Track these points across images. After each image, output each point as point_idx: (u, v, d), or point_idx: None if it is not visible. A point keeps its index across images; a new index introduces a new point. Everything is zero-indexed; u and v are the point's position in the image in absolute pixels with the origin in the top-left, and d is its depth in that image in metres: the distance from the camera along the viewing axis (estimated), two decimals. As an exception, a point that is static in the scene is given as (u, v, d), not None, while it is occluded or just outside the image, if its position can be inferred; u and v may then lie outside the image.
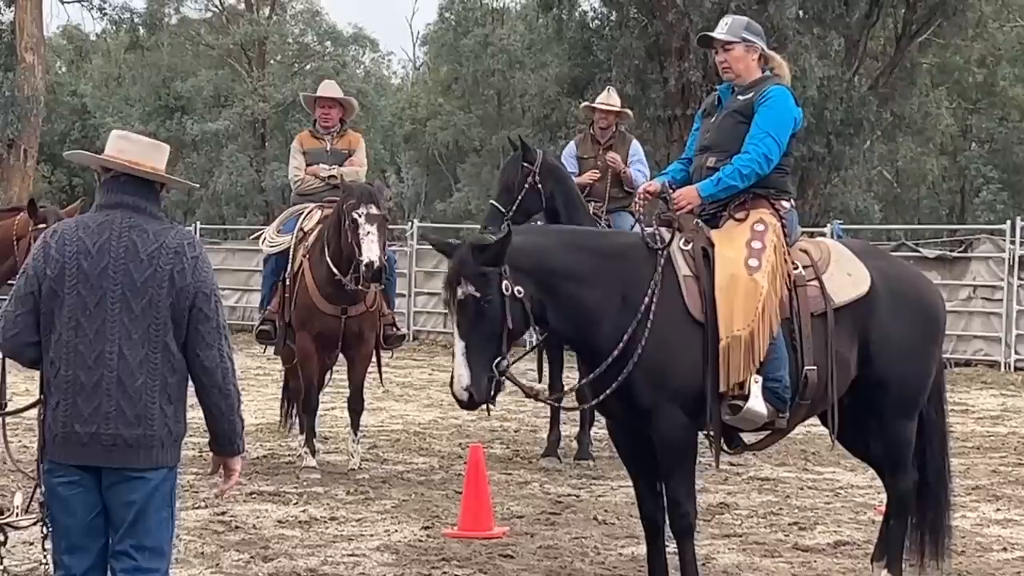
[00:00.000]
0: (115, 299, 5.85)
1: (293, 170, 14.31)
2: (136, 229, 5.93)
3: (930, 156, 49.18)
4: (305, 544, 10.33)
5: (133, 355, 5.84)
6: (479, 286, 7.72)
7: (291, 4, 58.60)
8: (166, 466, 5.95)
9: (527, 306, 7.83)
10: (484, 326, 7.74)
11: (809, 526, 11.29)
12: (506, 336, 7.79)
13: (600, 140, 14.41)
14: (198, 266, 5.94)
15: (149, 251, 5.88)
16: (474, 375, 7.70)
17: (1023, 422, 18.19)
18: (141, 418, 5.85)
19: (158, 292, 5.85)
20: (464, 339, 7.75)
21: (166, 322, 5.87)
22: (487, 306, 7.72)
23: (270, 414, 17.03)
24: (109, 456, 5.86)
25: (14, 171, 36.36)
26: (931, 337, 8.86)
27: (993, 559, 10.20)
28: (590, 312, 8.02)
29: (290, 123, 45.23)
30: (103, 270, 5.87)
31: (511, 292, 7.75)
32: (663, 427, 8.05)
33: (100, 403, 5.84)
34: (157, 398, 5.87)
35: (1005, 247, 25.09)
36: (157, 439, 5.88)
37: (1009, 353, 24.65)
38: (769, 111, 8.44)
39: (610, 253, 8.23)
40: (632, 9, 34.11)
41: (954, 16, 37.43)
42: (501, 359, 7.78)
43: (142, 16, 49.10)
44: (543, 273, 7.92)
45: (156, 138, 6.53)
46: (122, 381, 5.84)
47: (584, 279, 8.03)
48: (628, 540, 10.41)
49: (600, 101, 14.69)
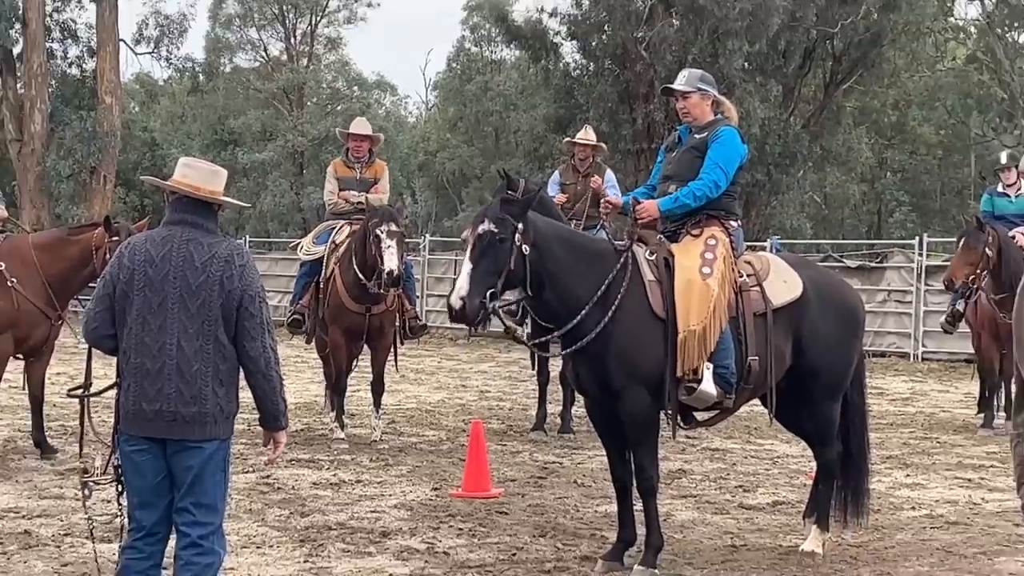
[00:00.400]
0: (174, 300, 5.88)
1: (328, 193, 14.30)
2: (193, 242, 5.96)
3: (852, 183, 49.13)
4: (335, 503, 10.32)
5: (189, 346, 5.86)
6: (499, 225, 7.76)
7: (325, 55, 58.53)
8: (218, 438, 5.96)
9: (528, 266, 7.84)
10: (491, 258, 7.75)
11: (752, 488, 11.28)
12: (505, 275, 7.78)
13: (580, 169, 14.39)
14: (245, 272, 5.94)
15: (203, 260, 5.91)
16: (471, 291, 7.67)
17: (928, 403, 18.19)
18: (196, 398, 5.87)
19: (210, 294, 5.87)
20: (472, 262, 7.76)
21: (217, 319, 5.88)
22: (499, 243, 7.75)
23: (307, 395, 17.02)
24: (170, 430, 5.90)
25: (95, 193, 36.36)
26: (853, 332, 8.86)
27: (904, 516, 10.20)
28: (571, 297, 8.01)
29: (324, 154, 45.11)
30: (165, 276, 5.91)
31: (521, 245, 7.78)
32: (631, 406, 8.05)
33: (163, 386, 5.87)
34: (210, 382, 5.88)
35: (914, 259, 25.12)
36: (210, 416, 5.90)
37: (917, 346, 24.68)
38: (720, 147, 8.46)
39: (593, 255, 8.23)
40: (607, 61, 34.11)
41: (873, 67, 37.52)
42: (495, 292, 7.78)
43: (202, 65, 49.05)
44: (544, 252, 7.92)
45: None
46: (180, 368, 5.86)
47: (571, 269, 8.03)
48: (602, 499, 10.40)
49: (579, 137, 14.70)
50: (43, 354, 12.32)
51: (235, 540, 8.54)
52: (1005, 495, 10.76)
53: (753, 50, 32.71)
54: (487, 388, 18.25)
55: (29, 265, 11.94)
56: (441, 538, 9.10)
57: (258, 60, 56.37)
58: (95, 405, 6.83)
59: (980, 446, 13.94)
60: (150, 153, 52.93)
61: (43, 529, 9.07)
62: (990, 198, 15.83)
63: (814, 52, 36.42)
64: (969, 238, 14.36)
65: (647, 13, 32.48)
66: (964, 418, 16.23)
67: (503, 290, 7.89)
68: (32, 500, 10.13)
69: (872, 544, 9.14)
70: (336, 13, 56.57)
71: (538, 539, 9.15)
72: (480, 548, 8.83)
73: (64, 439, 13.09)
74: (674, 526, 9.52)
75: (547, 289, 8.00)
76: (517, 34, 37.51)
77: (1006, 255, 14.18)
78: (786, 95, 35.91)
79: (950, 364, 23.44)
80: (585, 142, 14.52)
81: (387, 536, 9.12)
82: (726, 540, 9.22)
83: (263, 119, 53.44)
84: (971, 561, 8.69)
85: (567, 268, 8.02)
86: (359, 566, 8.25)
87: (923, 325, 24.49)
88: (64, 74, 39.96)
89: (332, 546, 8.77)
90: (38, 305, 11.91)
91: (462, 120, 57.11)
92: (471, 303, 7.68)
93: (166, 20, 42.87)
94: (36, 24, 36.25)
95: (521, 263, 7.82)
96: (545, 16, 36.17)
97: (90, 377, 6.49)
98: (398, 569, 8.20)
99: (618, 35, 32.98)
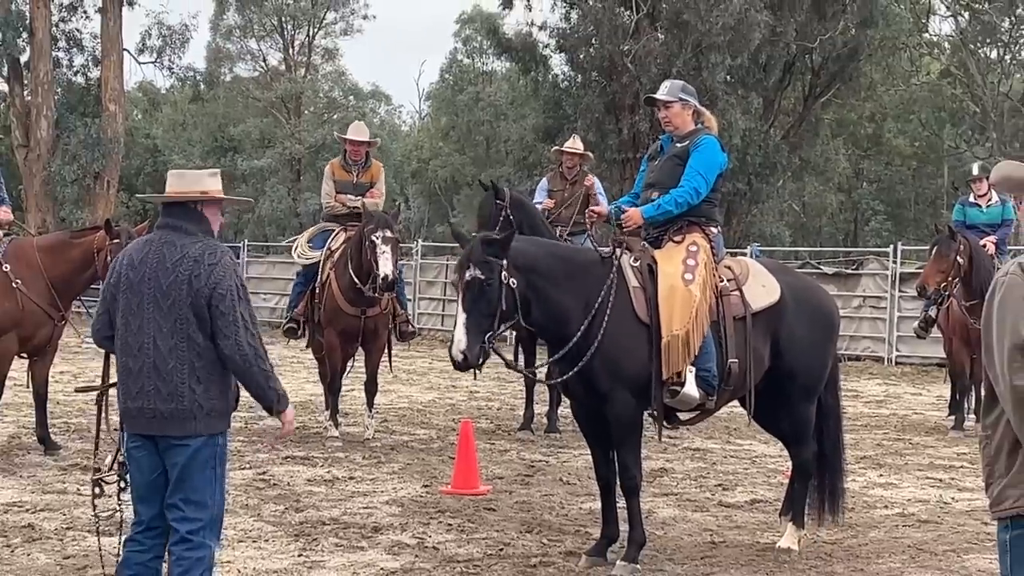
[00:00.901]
0: (149, 300, 5.91)
1: (325, 195, 14.26)
2: (168, 244, 6.00)
3: (829, 192, 49.25)
4: (329, 499, 10.30)
5: (164, 344, 5.87)
6: (484, 271, 7.69)
7: (322, 66, 58.54)
8: (202, 434, 5.90)
9: (517, 296, 7.81)
10: (483, 304, 7.70)
11: (731, 487, 11.28)
12: (499, 316, 7.77)
13: (567, 177, 14.38)
14: (214, 271, 5.89)
15: (174, 260, 5.92)
16: (470, 342, 7.65)
17: (901, 405, 18.21)
18: (173, 395, 5.87)
19: (180, 293, 5.87)
20: (466, 312, 7.70)
21: (188, 317, 5.86)
22: (488, 288, 7.69)
23: (302, 394, 16.99)
24: (151, 426, 5.93)
25: (99, 198, 36.31)
26: (828, 336, 8.88)
27: (877, 515, 10.21)
28: (561, 311, 8.01)
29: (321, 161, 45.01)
30: (142, 278, 5.96)
31: (507, 281, 7.74)
32: (617, 408, 8.05)
33: (143, 384, 5.91)
34: (186, 379, 5.86)
35: (889, 266, 25.15)
36: (189, 412, 5.87)
37: (891, 351, 24.69)
38: (700, 156, 8.46)
39: (579, 265, 8.22)
40: (594, 73, 34.12)
41: (850, 81, 37.60)
42: (492, 334, 7.77)
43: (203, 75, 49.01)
44: (531, 274, 7.90)
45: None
46: (157, 366, 5.88)
47: (559, 284, 8.02)
48: (587, 497, 10.39)
49: (567, 146, 14.68)
50: (47, 353, 12.30)
51: (231, 534, 8.53)
52: (974, 494, 10.78)
53: (735, 64, 32.75)
54: (476, 389, 18.23)
55: (33, 267, 11.92)
56: (431, 533, 9.10)
57: (257, 70, 56.40)
58: (112, 402, 6.81)
59: (951, 447, 13.96)
60: (152, 159, 52.90)
61: (46, 523, 9.06)
62: (962, 208, 15.87)
63: (794, 66, 36.48)
64: (941, 246, 14.40)
65: (633, 27, 32.51)
66: (935, 420, 16.25)
67: (499, 328, 7.88)
68: (36, 495, 10.11)
69: (846, 541, 9.15)
70: (333, 25, 56.62)
71: (524, 535, 9.14)
72: (468, 543, 8.83)
73: (67, 436, 13.07)
74: (656, 523, 9.52)
75: (536, 307, 7.99)
76: (508, 46, 37.53)
77: (977, 263, 14.21)
78: (766, 107, 35.96)
79: (923, 368, 23.47)
80: (572, 151, 14.51)
81: (379, 531, 9.11)
82: (706, 537, 9.23)
83: (262, 127, 53.49)
84: (941, 558, 8.71)
85: (554, 283, 7.99)
86: (351, 560, 8.25)
87: (897, 330, 24.51)
88: (70, 82, 39.90)
89: (325, 541, 8.76)
90: (42, 306, 11.89)
91: (454, 129, 57.16)
92: (472, 353, 7.67)
93: (168, 30, 42.81)
94: (43, 33, 36.22)
95: (511, 298, 7.78)
96: (535, 29, 36.25)
97: (107, 377, 6.48)
98: (389, 563, 8.20)
99: (605, 48, 32.98)
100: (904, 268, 24.87)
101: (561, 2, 35.00)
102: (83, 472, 11.00)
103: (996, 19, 45.75)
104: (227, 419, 6.07)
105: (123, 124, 38.97)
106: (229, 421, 6.10)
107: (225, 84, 54.81)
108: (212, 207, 6.18)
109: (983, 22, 45.90)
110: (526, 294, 7.87)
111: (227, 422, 6.07)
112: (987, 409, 4.48)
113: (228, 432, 6.14)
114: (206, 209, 6.15)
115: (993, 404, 4.42)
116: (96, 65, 38.99)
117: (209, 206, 6.16)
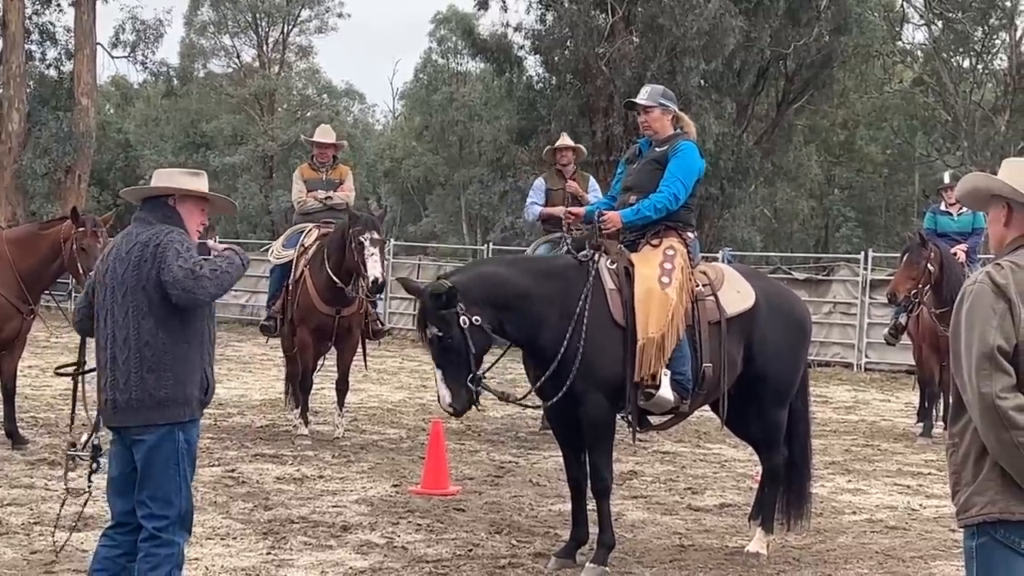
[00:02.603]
0: (110, 292, 5.94)
1: (296, 193, 14.31)
2: (128, 236, 6.04)
3: (801, 198, 49.49)
4: (298, 497, 10.28)
5: (120, 335, 5.88)
6: (441, 327, 7.65)
7: (296, 63, 58.47)
8: (157, 424, 5.84)
9: (487, 328, 7.78)
10: (452, 355, 7.69)
11: (700, 491, 11.30)
12: (472, 357, 7.73)
13: (565, 175, 14.44)
14: (158, 252, 5.85)
15: (127, 249, 5.94)
16: (453, 392, 7.68)
17: (870, 411, 18.28)
18: (127, 385, 5.86)
19: (131, 281, 5.87)
20: (440, 367, 7.72)
21: (140, 306, 5.84)
22: (451, 341, 7.66)
23: (271, 391, 16.95)
24: (114, 418, 5.97)
25: (70, 192, 36.16)
26: (800, 342, 8.91)
27: (845, 520, 10.25)
28: (536, 321, 8.01)
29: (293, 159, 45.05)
30: (107, 270, 6.00)
31: (469, 324, 7.67)
32: (590, 410, 8.05)
33: (106, 376, 5.94)
34: (139, 368, 5.84)
35: (859, 272, 25.26)
36: (140, 402, 5.84)
37: (860, 357, 24.79)
38: (679, 161, 8.47)
39: (549, 273, 8.22)
40: (568, 75, 34.15)
41: (823, 88, 37.77)
42: (472, 375, 7.74)
43: (176, 70, 48.93)
44: (496, 298, 7.88)
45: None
46: (115, 357, 5.90)
47: (529, 295, 8.01)
48: (557, 499, 10.40)
49: (559, 143, 14.77)
50: (15, 347, 12.22)
51: (200, 532, 8.49)
52: (942, 501, 10.83)
53: (709, 68, 32.83)
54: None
55: (3, 260, 11.83)
56: (400, 533, 9.09)
57: (231, 66, 56.33)
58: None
59: (919, 454, 14.03)
60: (124, 154, 52.68)
61: (13, 517, 9.01)
62: (933, 216, 15.94)
63: (767, 72, 36.62)
64: (912, 254, 14.47)
65: (608, 30, 32.55)
66: (904, 427, 16.32)
67: (479, 365, 7.86)
68: (3, 489, 10.04)
69: (814, 546, 9.18)
70: (307, 22, 56.59)
71: (494, 536, 9.14)
72: (437, 543, 8.83)
73: (35, 430, 13.00)
74: (625, 526, 9.53)
75: (509, 325, 7.98)
76: (482, 47, 37.50)
77: (948, 271, 14.29)
78: (740, 112, 36.08)
79: (892, 375, 23.58)
80: (566, 144, 14.61)
81: (347, 530, 9.09)
82: (675, 540, 9.24)
83: (235, 123, 53.40)
84: (909, 565, 8.75)
85: (525, 297, 7.96)
86: (320, 559, 8.23)
87: (867, 337, 24.61)
88: (42, 75, 39.77)
89: (294, 539, 8.74)
90: (10, 299, 11.81)
91: (428, 129, 57.19)
92: (459, 403, 7.71)
93: (142, 25, 42.74)
94: (16, 26, 36.04)
95: (480, 334, 7.74)
96: (510, 31, 36.23)
97: (84, 356, 6.47)
98: (357, 562, 8.19)
99: (580, 51, 33.01)
100: (874, 275, 24.96)
101: (536, 4, 35.03)
102: (51, 467, 10.96)
103: (969, 28, 46.08)
104: (187, 408, 5.91)
105: (95, 118, 38.82)
106: (192, 411, 5.96)
107: (198, 80, 54.72)
108: (189, 205, 6.13)
109: (956, 31, 46.22)
110: (497, 318, 7.86)
111: (187, 412, 5.92)
112: (955, 417, 4.51)
113: (196, 427, 6.05)
114: (181, 206, 6.10)
115: (961, 412, 4.45)
116: (69, 59, 38.87)
117: (185, 204, 6.12)
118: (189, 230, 6.08)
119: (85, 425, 6.50)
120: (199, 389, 5.98)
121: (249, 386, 17.59)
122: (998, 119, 46.63)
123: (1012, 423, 4.22)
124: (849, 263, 26.76)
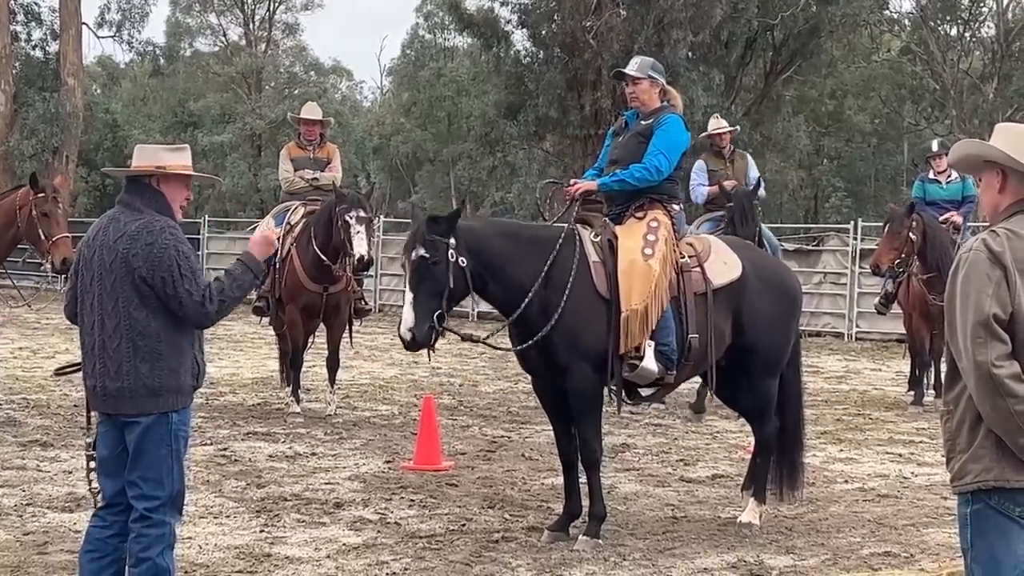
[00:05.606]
0: (97, 278, 5.86)
1: (283, 172, 14.31)
2: (114, 221, 5.94)
3: (790, 169, 49.39)
4: (291, 475, 10.28)
5: (110, 323, 5.82)
6: (429, 250, 7.68)
7: (283, 41, 58.30)
8: (151, 412, 5.82)
9: (468, 275, 7.81)
10: (430, 283, 7.70)
11: (692, 462, 11.32)
12: (447, 295, 7.75)
13: (724, 156, 14.78)
14: (151, 251, 5.76)
15: (115, 238, 5.85)
16: (417, 321, 7.65)
17: (861, 381, 18.32)
18: (119, 374, 5.81)
19: (120, 271, 5.80)
20: (413, 292, 7.70)
21: (130, 296, 5.78)
22: (434, 267, 7.68)
23: (263, 370, 16.94)
24: (105, 405, 5.92)
25: (57, 172, 35.87)
26: (790, 312, 8.90)
27: (837, 489, 10.27)
28: (518, 286, 8.01)
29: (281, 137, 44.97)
30: (92, 256, 5.91)
31: (456, 260, 7.73)
32: (576, 382, 8.07)
33: (95, 362, 5.88)
34: (131, 357, 5.79)
35: (849, 242, 25.28)
36: (134, 391, 5.80)
37: (851, 327, 24.84)
38: (664, 134, 8.47)
39: (533, 240, 8.22)
40: (556, 49, 34.00)
41: (811, 58, 37.66)
42: (442, 313, 7.74)
43: (163, 49, 48.83)
44: (483, 253, 7.90)
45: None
46: (104, 344, 5.84)
47: (513, 259, 8.02)
48: (549, 472, 10.41)
49: (712, 128, 15.03)
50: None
51: (193, 511, 8.49)
52: (934, 469, 10.85)
53: (697, 40, 32.71)
54: (438, 364, 18.21)
55: None
56: (393, 509, 9.09)
57: (217, 45, 56.18)
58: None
59: (910, 422, 14.05)
60: (111, 134, 52.59)
61: (5, 499, 8.99)
62: (922, 184, 15.93)
63: (755, 43, 36.52)
64: (893, 224, 14.50)
65: (595, 3, 32.40)
66: (895, 396, 16.35)
67: (449, 307, 7.85)
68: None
69: (807, 516, 9.20)
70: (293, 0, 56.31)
71: (487, 510, 9.15)
72: (431, 519, 8.83)
73: (27, 412, 12.98)
74: (617, 498, 9.54)
75: (491, 284, 8.02)
76: (469, 22, 37.34)
77: (931, 237, 14.30)
78: (728, 84, 35.98)
79: (882, 344, 23.62)
80: (723, 130, 14.94)
81: (341, 507, 9.10)
82: (667, 512, 9.26)
83: (222, 102, 53.25)
84: (901, 532, 8.77)
85: (508, 261, 8.00)
86: (313, 536, 8.23)
87: (857, 306, 24.65)
88: (28, 56, 39.60)
89: (287, 516, 8.74)
90: None
91: (416, 105, 57.01)
92: (420, 332, 7.67)
93: (128, 4, 42.60)
94: (0, 7, 35.88)
95: (461, 276, 7.78)
96: (497, 5, 36.05)
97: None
98: (351, 539, 8.19)
99: (567, 24, 32.88)
100: (864, 244, 24.95)
101: (523, -23, 34.87)
102: (43, 448, 10.95)
103: (956, -4, 45.97)
104: (181, 396, 5.91)
105: (82, 99, 38.72)
106: (186, 398, 5.96)
107: (185, 59, 54.59)
108: (173, 183, 6.04)
109: (943, -1, 46.12)
110: (479, 273, 7.87)
111: (182, 399, 5.92)
112: (949, 384, 4.50)
113: (189, 409, 6.03)
114: (165, 185, 6.01)
115: (955, 379, 4.44)
116: (55, 39, 38.73)
117: (169, 182, 6.03)
118: (174, 209, 6.02)
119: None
120: (191, 375, 5.97)
121: (240, 365, 17.55)
122: (986, 87, 46.62)
123: (1008, 391, 4.21)
124: (839, 233, 26.76)
